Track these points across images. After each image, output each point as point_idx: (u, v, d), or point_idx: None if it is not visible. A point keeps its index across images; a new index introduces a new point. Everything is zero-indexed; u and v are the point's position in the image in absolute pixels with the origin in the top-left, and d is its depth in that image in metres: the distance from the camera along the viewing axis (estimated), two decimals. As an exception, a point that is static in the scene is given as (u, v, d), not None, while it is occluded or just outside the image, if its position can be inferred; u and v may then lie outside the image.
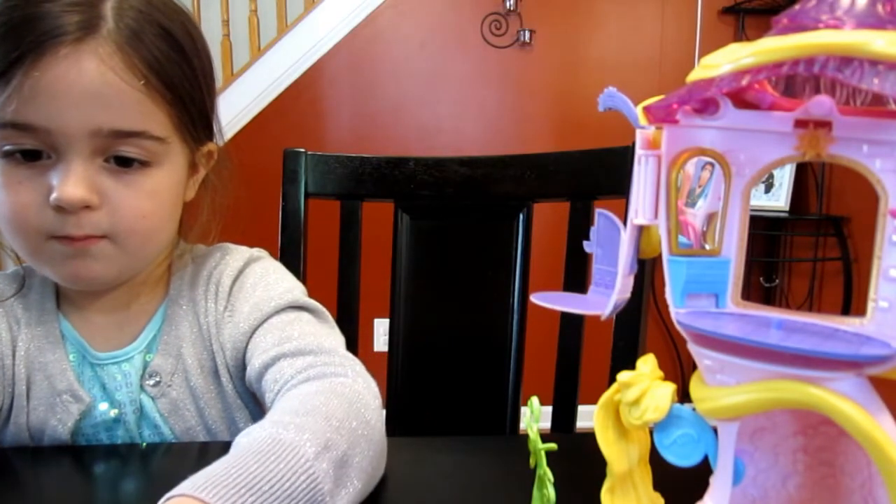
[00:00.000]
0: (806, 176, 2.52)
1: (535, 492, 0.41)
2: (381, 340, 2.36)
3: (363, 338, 0.89)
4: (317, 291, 0.66)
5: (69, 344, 0.58)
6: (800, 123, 0.29)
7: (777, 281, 2.66)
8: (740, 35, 2.67)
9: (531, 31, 2.67)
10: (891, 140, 0.27)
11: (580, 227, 0.85)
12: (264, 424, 0.41)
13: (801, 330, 0.29)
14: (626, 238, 0.35)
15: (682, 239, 0.33)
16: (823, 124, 0.29)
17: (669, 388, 0.33)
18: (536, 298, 0.39)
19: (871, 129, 0.28)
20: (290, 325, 0.56)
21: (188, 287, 0.62)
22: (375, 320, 2.35)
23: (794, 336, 0.28)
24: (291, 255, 0.89)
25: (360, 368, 0.52)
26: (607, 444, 0.35)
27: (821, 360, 0.27)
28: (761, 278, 2.67)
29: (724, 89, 0.28)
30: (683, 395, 0.33)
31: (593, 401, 0.37)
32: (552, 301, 0.38)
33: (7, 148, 0.50)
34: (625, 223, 0.36)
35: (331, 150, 0.91)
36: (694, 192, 0.36)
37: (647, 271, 0.76)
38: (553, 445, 0.39)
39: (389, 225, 0.90)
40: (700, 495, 0.33)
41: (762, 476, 0.33)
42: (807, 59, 0.25)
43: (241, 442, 0.40)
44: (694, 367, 0.32)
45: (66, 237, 0.51)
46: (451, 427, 0.90)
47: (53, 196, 0.49)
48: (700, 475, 0.33)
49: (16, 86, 0.48)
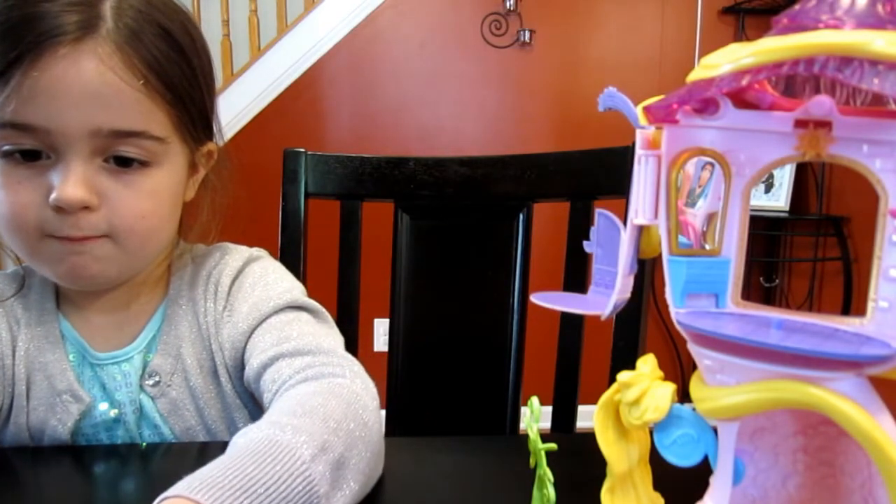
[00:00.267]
0: (806, 176, 2.52)
1: (536, 492, 0.41)
2: (381, 340, 2.36)
3: (363, 338, 0.89)
4: (317, 291, 0.66)
5: (69, 344, 0.58)
6: (800, 123, 0.29)
7: (777, 281, 2.66)
8: (740, 35, 2.67)
9: (531, 31, 2.67)
10: (891, 140, 0.27)
11: (580, 227, 0.85)
12: (261, 425, 0.41)
13: (801, 330, 0.29)
14: (626, 238, 0.35)
15: (682, 239, 0.33)
16: (823, 124, 0.29)
17: (669, 388, 0.33)
18: (536, 298, 0.39)
19: (872, 129, 0.28)
20: (288, 325, 0.56)
21: (188, 287, 0.62)
22: (375, 320, 2.35)
23: (794, 336, 0.28)
24: (291, 255, 0.89)
25: (358, 369, 0.52)
26: (607, 444, 0.35)
27: (821, 360, 0.27)
28: (761, 278, 2.67)
29: (724, 89, 0.28)
30: (683, 395, 0.33)
31: (593, 401, 0.37)
32: (552, 301, 0.38)
33: (6, 148, 0.50)
34: (625, 223, 0.36)
35: (331, 150, 0.91)
36: (694, 192, 0.36)
37: (647, 271, 0.76)
38: (553, 445, 0.39)
39: (389, 225, 0.90)
40: (700, 495, 0.33)
41: (762, 476, 0.33)
42: (807, 60, 0.25)
43: (237, 442, 0.40)
44: (694, 367, 0.32)
45: (64, 237, 0.51)
46: (450, 427, 0.90)
47: (53, 196, 0.49)
48: (700, 475, 0.33)
49: (14, 86, 0.48)
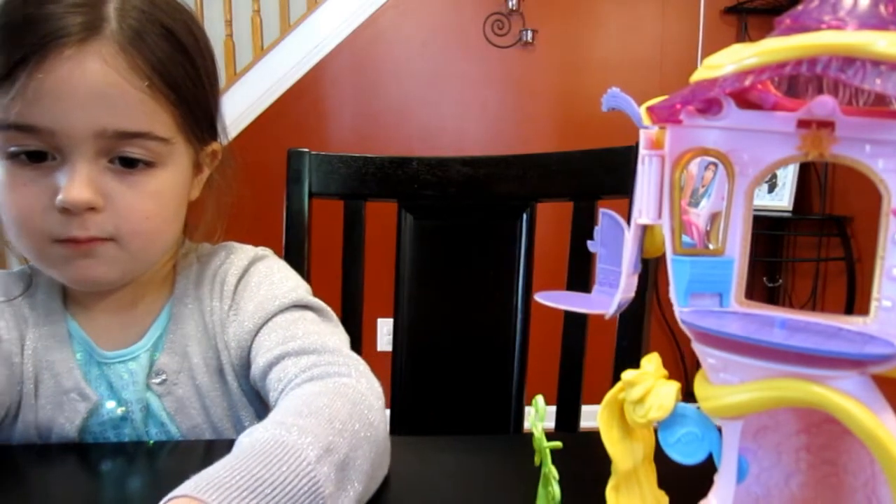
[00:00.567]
0: (809, 176, 2.52)
1: (541, 489, 0.41)
2: (384, 340, 2.36)
3: (366, 337, 0.89)
4: (320, 291, 0.66)
5: (76, 343, 0.59)
6: (803, 123, 0.30)
7: (780, 281, 2.65)
8: (743, 35, 2.67)
9: (533, 31, 2.68)
10: (893, 140, 0.27)
11: (583, 227, 0.86)
12: (267, 425, 0.41)
13: (804, 329, 0.29)
14: (629, 238, 0.35)
15: (685, 238, 0.34)
16: (826, 124, 0.29)
17: (674, 386, 0.33)
18: (541, 297, 0.39)
19: (874, 130, 0.28)
20: (294, 324, 0.57)
21: (193, 286, 0.62)
22: (379, 320, 2.35)
23: (798, 335, 0.28)
24: (295, 255, 0.89)
25: (363, 368, 0.52)
26: (612, 442, 0.35)
27: (824, 359, 0.27)
28: (764, 278, 2.67)
29: (727, 89, 0.28)
30: (687, 395, 0.33)
31: (597, 400, 0.37)
32: (557, 300, 0.38)
33: (12, 149, 0.50)
34: (628, 223, 0.36)
35: (333, 150, 0.91)
36: (697, 192, 0.37)
37: (651, 271, 0.76)
38: (558, 444, 0.40)
39: (393, 225, 0.91)
40: (704, 493, 0.33)
41: (765, 474, 0.33)
42: (810, 60, 0.26)
43: (243, 442, 0.40)
44: (697, 366, 0.33)
45: (70, 240, 0.52)
46: (454, 426, 0.91)
47: (59, 198, 0.50)
48: (704, 473, 0.34)
49: (20, 87, 0.48)
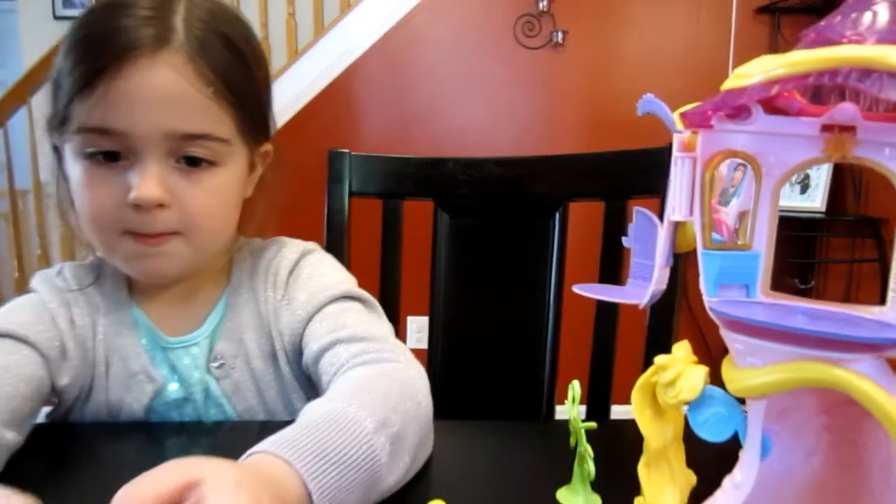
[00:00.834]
0: (843, 177, 2.49)
1: (576, 467, 0.44)
2: (413, 338, 2.40)
3: (398, 334, 0.92)
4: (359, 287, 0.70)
5: (141, 329, 0.63)
6: (826, 128, 0.32)
7: (812, 282, 2.63)
8: (775, 34, 2.64)
9: (564, 32, 2.69)
10: (912, 143, 0.29)
11: (615, 226, 0.88)
12: (328, 398, 0.45)
13: (824, 317, 0.32)
14: (662, 233, 0.37)
15: (715, 236, 0.36)
16: (848, 129, 0.31)
17: (702, 370, 0.36)
18: (578, 289, 0.42)
19: (893, 134, 0.30)
20: (343, 314, 0.60)
21: (248, 277, 0.66)
22: (409, 318, 2.39)
23: (819, 322, 0.31)
24: (336, 252, 0.91)
25: (410, 356, 0.56)
26: (644, 422, 0.38)
27: (843, 343, 0.30)
28: (797, 280, 2.64)
29: (755, 97, 0.31)
30: (713, 381, 0.36)
31: (626, 401, 0.40)
32: (593, 291, 0.41)
33: (89, 150, 0.55)
34: (661, 220, 0.39)
35: (364, 151, 0.94)
36: (727, 192, 0.39)
37: (680, 266, 0.78)
38: (593, 424, 0.43)
39: (429, 223, 0.94)
40: (728, 472, 0.36)
41: (787, 453, 0.35)
42: (832, 71, 0.28)
43: (307, 412, 0.44)
44: (723, 353, 0.35)
45: (141, 234, 0.56)
46: (489, 418, 0.94)
47: (132, 195, 0.54)
48: (728, 455, 0.36)
49: (99, 94, 0.52)
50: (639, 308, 0.39)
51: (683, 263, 0.78)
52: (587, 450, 0.43)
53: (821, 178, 2.46)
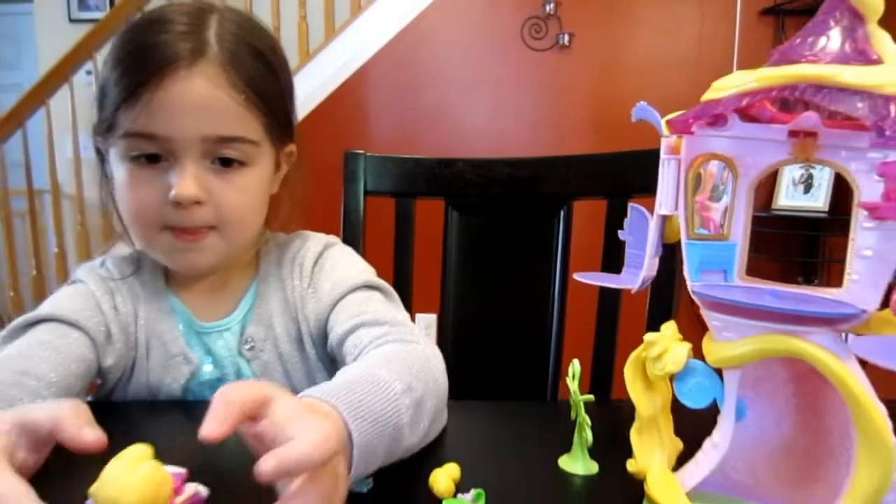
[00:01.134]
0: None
1: (576, 436, 0.49)
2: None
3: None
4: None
5: (177, 316, 0.69)
6: (792, 133, 0.37)
7: (816, 281, 2.66)
8: (779, 36, 2.68)
9: (570, 35, 2.73)
10: (861, 147, 0.34)
11: (616, 223, 0.92)
12: (360, 364, 0.50)
13: (790, 297, 0.37)
14: (652, 225, 0.42)
15: (702, 231, 0.41)
16: (811, 134, 0.36)
17: (686, 346, 0.41)
18: (579, 276, 0.47)
19: (848, 139, 0.35)
20: (365, 302, 0.66)
21: (275, 267, 0.72)
22: (417, 315, 2.44)
23: (784, 301, 0.36)
24: (352, 248, 0.98)
25: (428, 340, 0.61)
26: (636, 392, 0.43)
27: (804, 318, 0.34)
28: (800, 278, 2.68)
29: (729, 108, 0.36)
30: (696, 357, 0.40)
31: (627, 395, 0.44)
32: (592, 279, 0.46)
33: (133, 153, 0.60)
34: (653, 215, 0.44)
35: (374, 151, 0.99)
36: (718, 189, 0.44)
37: (678, 255, 0.83)
38: (590, 397, 0.48)
39: (440, 221, 0.99)
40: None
41: (761, 417, 0.40)
42: (791, 86, 0.33)
43: (343, 373, 0.49)
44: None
45: (180, 229, 0.62)
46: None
47: (173, 193, 0.59)
48: (710, 422, 0.41)
49: (143, 103, 0.58)
50: (632, 292, 0.44)
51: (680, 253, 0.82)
52: (585, 419, 0.48)
53: (824, 178, 2.49)
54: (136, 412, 0.63)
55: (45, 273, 3.12)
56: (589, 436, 0.48)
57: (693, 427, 0.43)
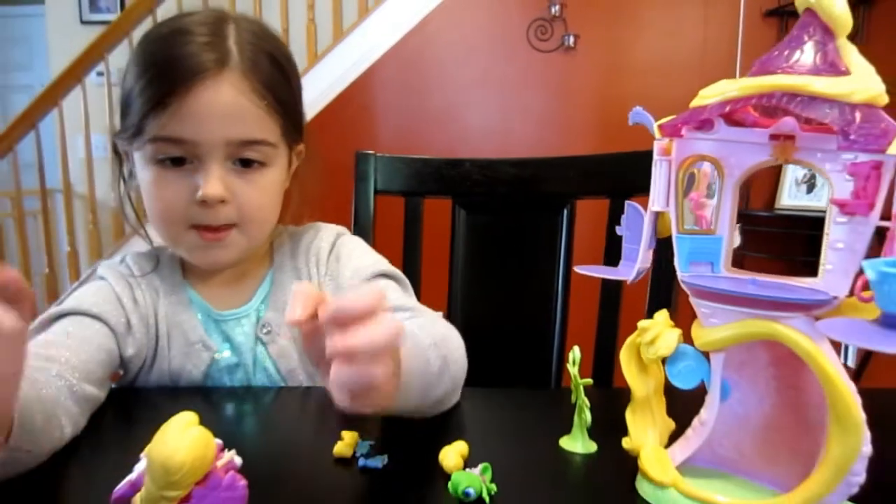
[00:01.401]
0: (848, 176, 2.54)
1: (576, 418, 0.52)
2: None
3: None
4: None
5: (195, 306, 0.73)
6: (773, 137, 0.41)
7: (818, 280, 2.68)
8: (783, 37, 2.68)
9: (575, 36, 2.77)
10: (834, 149, 0.38)
11: (618, 221, 0.95)
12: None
13: (770, 286, 0.40)
14: (646, 221, 0.46)
15: (694, 227, 0.44)
16: (790, 137, 0.40)
17: (677, 332, 0.44)
18: (579, 269, 0.51)
19: (823, 142, 0.39)
20: (384, 290, 0.70)
21: (289, 258, 0.77)
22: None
23: (765, 289, 0.39)
24: (362, 245, 1.02)
25: (447, 323, 0.65)
26: (631, 375, 0.46)
27: (781, 304, 0.38)
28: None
29: (714, 113, 0.39)
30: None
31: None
32: (591, 271, 0.50)
33: (160, 157, 0.64)
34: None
35: (381, 151, 1.03)
36: (712, 187, 0.47)
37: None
38: (589, 380, 0.51)
39: (448, 219, 1.02)
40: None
41: (745, 398, 0.44)
42: (768, 94, 0.37)
43: None
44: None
45: (205, 227, 0.66)
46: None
47: (200, 193, 0.63)
48: (699, 403, 0.44)
49: (172, 110, 0.62)
50: (628, 283, 0.48)
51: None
52: (584, 402, 0.51)
53: (826, 177, 2.51)
54: (156, 398, 0.68)
55: (58, 272, 3.17)
56: (588, 417, 0.51)
57: (685, 411, 0.47)
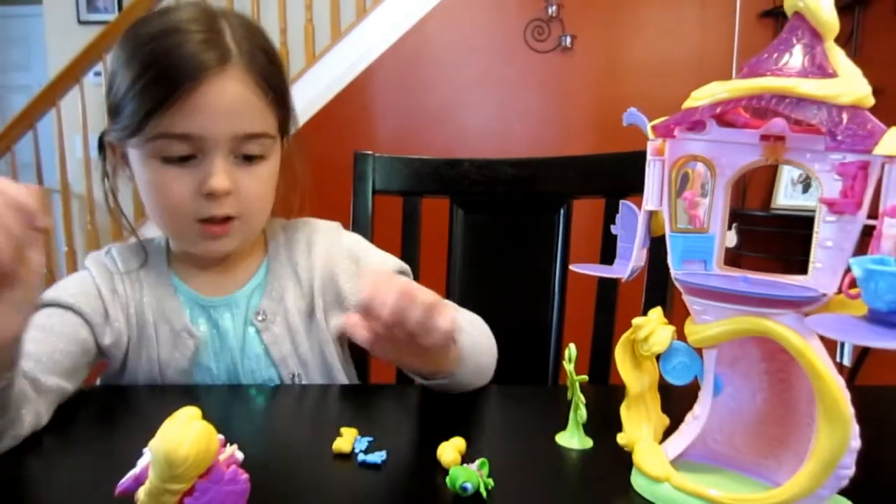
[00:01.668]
0: (844, 176, 2.55)
1: (572, 414, 0.53)
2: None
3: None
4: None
5: (180, 294, 0.74)
6: (764, 137, 0.42)
7: (815, 280, 2.69)
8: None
9: (572, 37, 2.78)
10: (822, 150, 0.39)
11: (614, 220, 0.97)
12: None
13: (760, 283, 0.41)
14: (640, 220, 0.47)
15: (687, 226, 0.45)
16: (780, 138, 0.41)
17: (670, 329, 0.45)
18: (575, 267, 0.51)
19: (812, 142, 0.39)
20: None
21: (284, 248, 0.78)
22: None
23: (756, 286, 0.40)
24: (361, 244, 1.02)
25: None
26: (626, 371, 0.47)
27: (772, 301, 0.39)
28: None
29: (706, 115, 0.40)
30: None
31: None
32: (586, 269, 0.51)
33: (165, 154, 0.65)
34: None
35: (380, 151, 1.04)
36: (706, 186, 0.48)
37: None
38: (584, 377, 0.52)
39: (446, 219, 1.03)
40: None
41: (738, 393, 0.45)
42: (757, 96, 0.38)
43: None
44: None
45: (210, 219, 0.67)
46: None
47: (207, 186, 0.65)
48: (693, 399, 0.45)
49: (178, 107, 0.62)
50: (622, 280, 0.49)
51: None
52: (580, 398, 0.52)
53: (822, 177, 2.52)
54: (142, 398, 0.68)
55: (56, 272, 3.17)
56: (584, 413, 0.52)
57: (679, 407, 0.48)
